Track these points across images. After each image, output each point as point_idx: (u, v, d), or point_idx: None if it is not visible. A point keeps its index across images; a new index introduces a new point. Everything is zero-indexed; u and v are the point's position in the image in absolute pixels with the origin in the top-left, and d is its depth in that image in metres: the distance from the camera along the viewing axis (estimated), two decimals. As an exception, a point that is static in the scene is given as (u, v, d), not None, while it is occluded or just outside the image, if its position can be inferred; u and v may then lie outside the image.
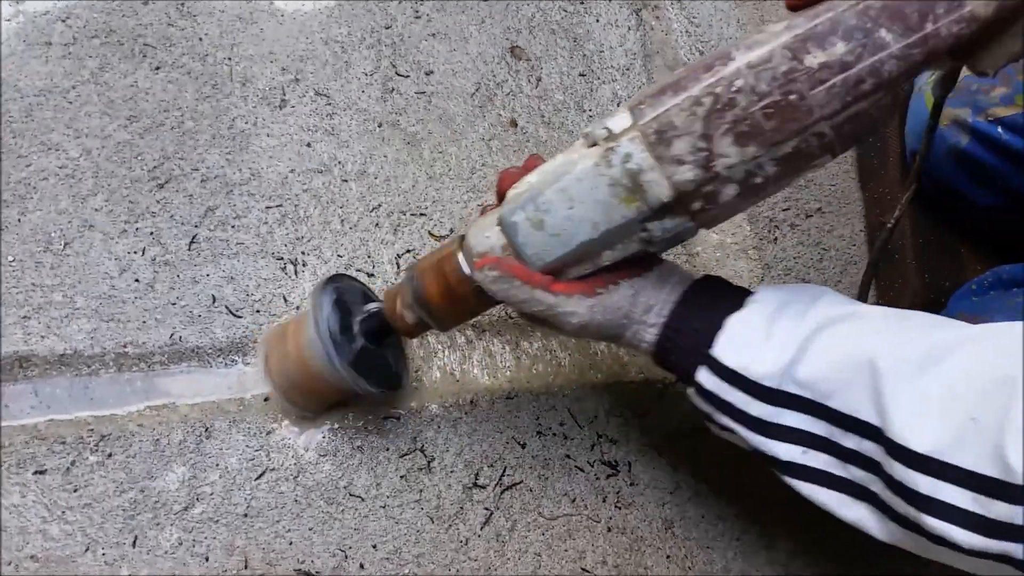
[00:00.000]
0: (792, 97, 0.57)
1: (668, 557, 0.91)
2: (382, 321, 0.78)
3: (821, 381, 0.60)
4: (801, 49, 0.56)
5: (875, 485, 0.59)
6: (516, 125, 1.03)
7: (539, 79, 1.06)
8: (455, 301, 0.72)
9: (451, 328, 0.77)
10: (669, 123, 0.58)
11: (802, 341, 0.61)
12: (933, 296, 1.06)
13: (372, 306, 0.80)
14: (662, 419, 0.95)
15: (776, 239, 1.11)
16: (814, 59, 0.56)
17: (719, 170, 0.59)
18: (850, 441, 0.59)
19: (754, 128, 0.57)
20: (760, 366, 0.62)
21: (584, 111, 1.07)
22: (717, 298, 0.68)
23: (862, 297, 0.83)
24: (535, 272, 0.67)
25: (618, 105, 1.08)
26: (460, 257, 0.71)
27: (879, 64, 0.56)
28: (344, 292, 0.81)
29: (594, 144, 0.63)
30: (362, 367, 0.77)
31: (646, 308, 0.68)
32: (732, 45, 0.59)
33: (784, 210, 1.12)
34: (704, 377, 0.65)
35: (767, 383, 0.62)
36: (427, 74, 1.02)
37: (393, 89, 1.00)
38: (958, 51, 0.57)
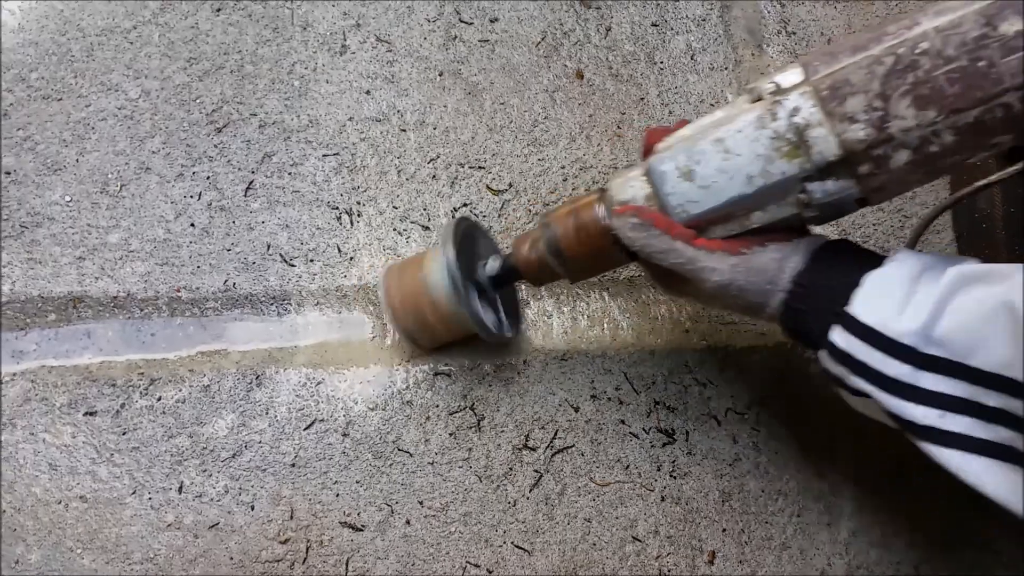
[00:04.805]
0: (981, 64, 0.51)
1: (724, 530, 0.85)
2: (509, 267, 0.75)
3: (960, 339, 0.54)
4: (997, 16, 0.51)
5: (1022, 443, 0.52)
6: (582, 77, 0.97)
7: (609, 28, 0.99)
8: (590, 251, 0.68)
9: (580, 279, 0.73)
10: (844, 80, 0.54)
11: (939, 299, 0.55)
12: (1023, 271, 0.96)
13: (498, 254, 0.77)
14: (723, 389, 0.89)
15: (853, 204, 1.02)
16: (1011, 27, 0.51)
17: (893, 132, 0.54)
18: (994, 400, 0.53)
19: (935, 92, 0.53)
20: (898, 323, 0.56)
21: (655, 63, 0.99)
22: (854, 256, 0.62)
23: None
24: (677, 223, 0.62)
25: (692, 58, 1.00)
26: (599, 207, 0.67)
27: None
28: (470, 235, 0.78)
29: (759, 99, 0.59)
30: (481, 310, 0.75)
31: (792, 275, 0.61)
32: (918, 10, 0.55)
33: (863, 173, 1.03)
34: (838, 336, 0.58)
35: (905, 340, 0.55)
36: (492, 21, 0.95)
37: (456, 36, 0.94)
38: None
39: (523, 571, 0.79)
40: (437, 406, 0.81)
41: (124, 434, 0.74)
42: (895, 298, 0.57)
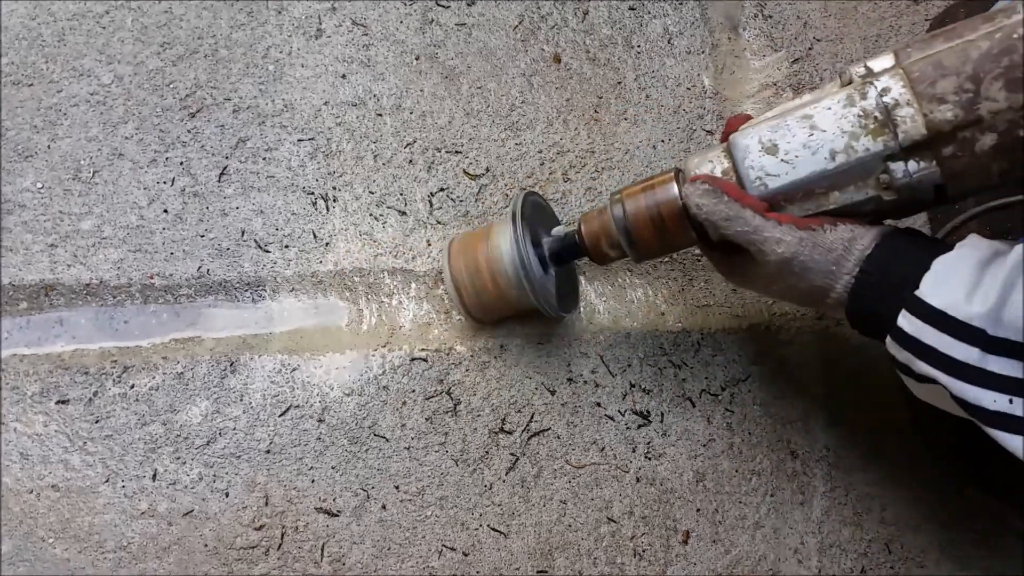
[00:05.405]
0: None
1: (698, 510, 0.84)
2: (573, 244, 0.74)
3: None
4: None
5: None
6: (560, 61, 0.94)
7: (586, 12, 0.96)
8: (658, 228, 0.67)
9: (645, 260, 0.71)
10: (937, 62, 0.54)
11: (1008, 281, 0.52)
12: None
13: (563, 228, 0.76)
14: (698, 371, 0.87)
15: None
16: None
17: (982, 113, 0.53)
18: None
19: None
20: (968, 306, 0.53)
21: (632, 47, 0.97)
22: (923, 241, 0.59)
23: None
24: (750, 195, 0.60)
25: (669, 41, 0.97)
26: (674, 185, 0.66)
27: None
28: (534, 210, 0.77)
29: (849, 82, 0.59)
30: (544, 287, 0.73)
31: (860, 258, 0.59)
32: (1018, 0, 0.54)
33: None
34: (905, 320, 0.56)
35: (975, 323, 0.53)
36: (468, 4, 0.93)
37: (433, 20, 0.91)
38: None
39: (499, 553, 0.78)
40: (413, 391, 0.79)
41: (97, 422, 0.72)
42: (965, 281, 0.54)
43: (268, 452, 0.74)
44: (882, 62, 0.58)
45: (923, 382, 0.58)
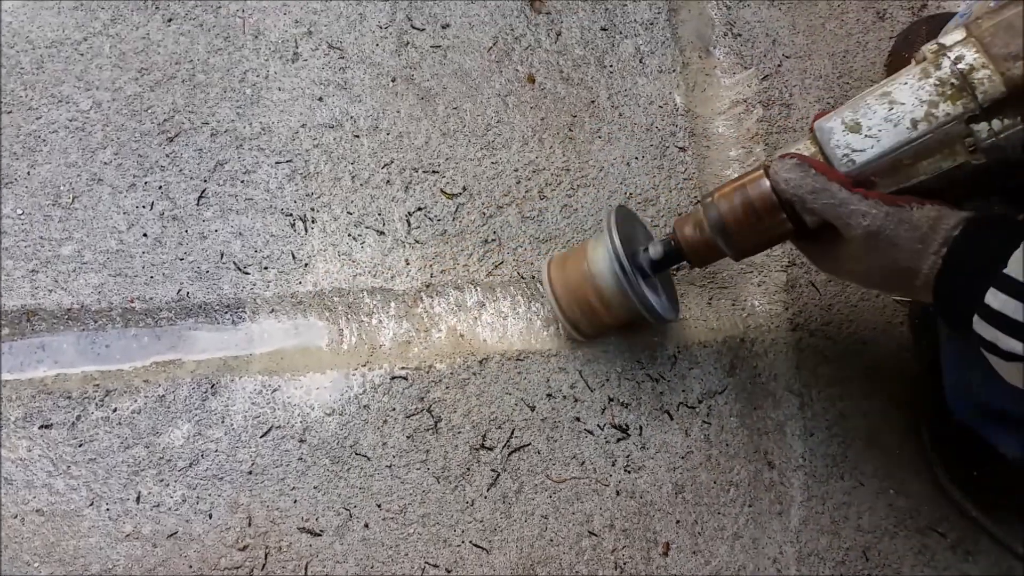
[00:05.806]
0: None
1: (677, 522, 0.85)
2: (670, 250, 0.75)
3: None
4: None
5: None
6: (534, 81, 0.96)
7: (559, 33, 0.98)
8: (755, 225, 0.68)
9: (745, 257, 0.72)
10: (1008, 25, 0.56)
11: None
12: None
13: (656, 239, 0.77)
14: (675, 383, 0.89)
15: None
16: None
17: None
18: None
19: None
20: None
21: (605, 67, 0.99)
22: (1010, 224, 0.58)
23: None
24: (837, 171, 0.62)
25: (641, 61, 0.99)
26: (765, 180, 0.67)
27: None
28: (627, 222, 0.79)
29: (923, 60, 0.60)
30: (650, 295, 0.75)
31: (947, 238, 0.58)
32: None
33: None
34: (992, 297, 0.55)
35: None
36: (443, 27, 0.94)
37: (408, 42, 0.93)
38: None
39: (482, 569, 0.79)
40: (394, 409, 0.80)
41: (80, 446, 0.72)
42: None
43: (250, 473, 0.75)
44: (954, 36, 0.59)
45: (1009, 360, 0.57)
